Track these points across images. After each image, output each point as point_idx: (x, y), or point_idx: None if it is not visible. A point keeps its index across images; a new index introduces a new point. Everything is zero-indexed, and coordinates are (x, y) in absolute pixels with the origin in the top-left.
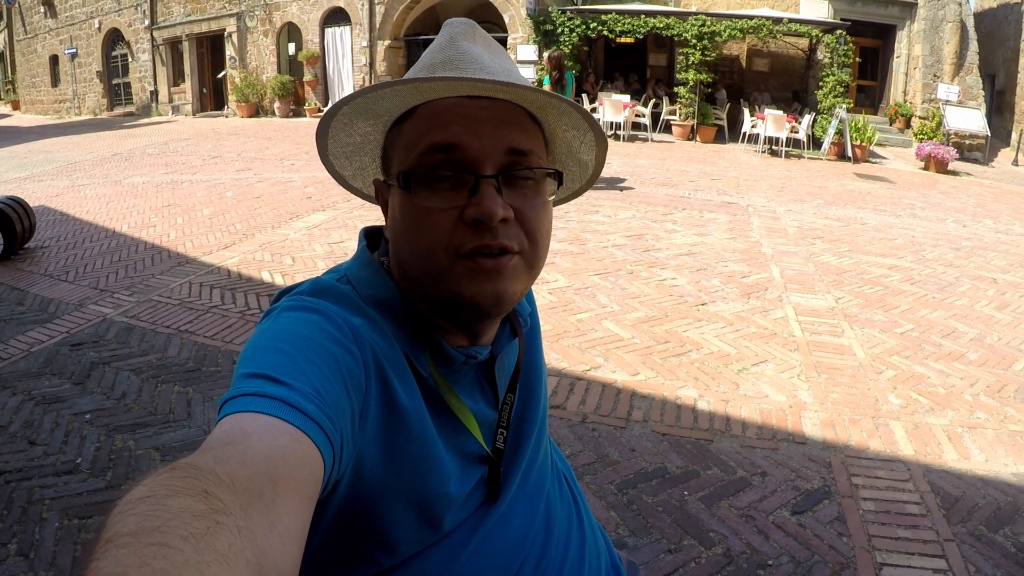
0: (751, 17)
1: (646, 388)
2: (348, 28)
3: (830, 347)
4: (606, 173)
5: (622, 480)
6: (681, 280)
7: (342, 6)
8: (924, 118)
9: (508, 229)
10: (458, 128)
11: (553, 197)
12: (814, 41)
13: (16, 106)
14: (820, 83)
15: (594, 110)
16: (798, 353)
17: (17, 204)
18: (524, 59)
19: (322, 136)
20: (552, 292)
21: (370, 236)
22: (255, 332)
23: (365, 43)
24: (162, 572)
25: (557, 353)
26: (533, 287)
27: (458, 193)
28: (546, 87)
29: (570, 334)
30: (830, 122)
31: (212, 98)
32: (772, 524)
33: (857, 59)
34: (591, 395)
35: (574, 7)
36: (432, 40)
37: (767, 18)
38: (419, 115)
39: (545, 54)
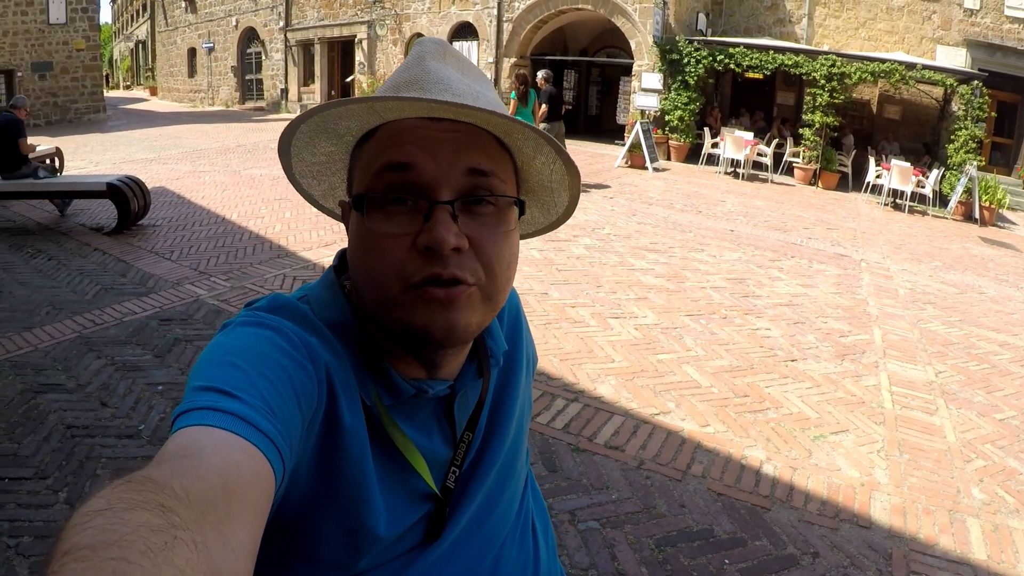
0: (884, 60)
1: (712, 442)
2: (475, 43)
3: (919, 425)
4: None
5: (663, 536)
6: (775, 332)
7: (471, 21)
8: None
9: (462, 259)
10: (413, 148)
11: (516, 228)
12: (949, 91)
13: (154, 92)
14: (952, 137)
15: (715, 145)
16: (883, 427)
17: (134, 183)
18: (648, 87)
19: (284, 154)
20: (638, 328)
21: (344, 257)
22: (208, 346)
23: (491, 59)
24: None
25: (628, 392)
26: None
27: (412, 219)
28: (512, 101)
29: (647, 374)
30: (959, 179)
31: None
32: None
33: (993, 114)
34: (653, 441)
35: (702, 38)
36: (557, 60)
37: (900, 63)
38: (379, 136)
39: (514, 74)
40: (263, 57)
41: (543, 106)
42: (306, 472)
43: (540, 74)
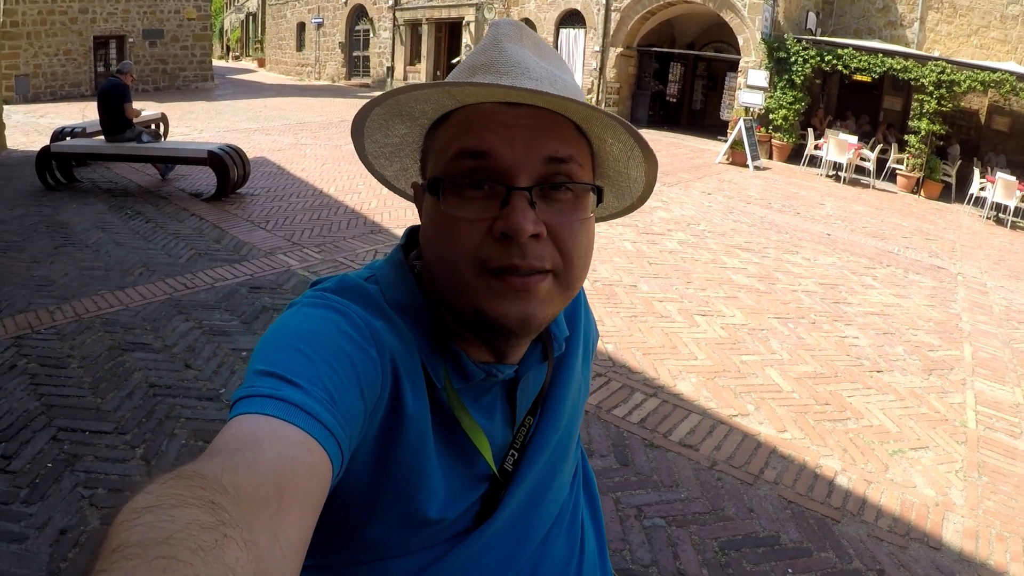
0: (995, 70)
1: (788, 448)
2: (583, 31)
3: (1002, 447)
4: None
5: (728, 539)
6: (863, 341)
7: (579, 8)
8: None
9: (539, 247)
10: (491, 135)
11: (593, 214)
12: None
13: (262, 63)
14: None
15: (818, 147)
16: (964, 447)
17: (234, 152)
18: (754, 84)
19: (357, 135)
20: (724, 327)
21: (412, 235)
22: (273, 324)
23: (597, 48)
24: None
25: (708, 391)
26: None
27: (489, 204)
28: None
29: (729, 374)
30: None
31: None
32: None
33: None
34: (729, 442)
35: (811, 37)
36: (664, 52)
37: (1012, 73)
38: (455, 120)
39: None
40: (371, 35)
41: None
42: (364, 457)
43: None
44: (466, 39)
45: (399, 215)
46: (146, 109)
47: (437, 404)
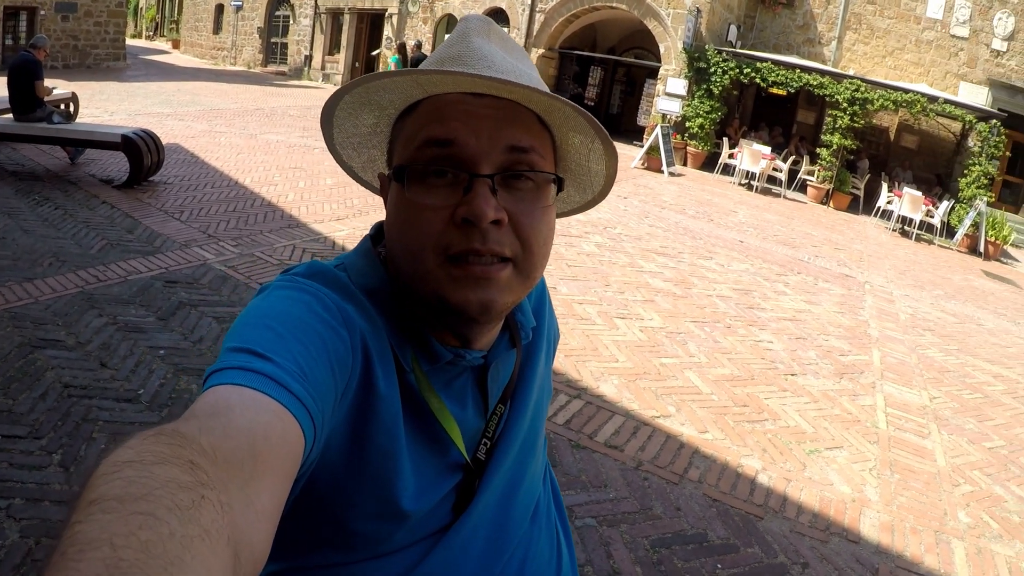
0: (907, 91)
1: (710, 448)
2: (505, 30)
3: (911, 447)
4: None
5: (658, 537)
6: (777, 345)
7: (503, 8)
8: None
9: (500, 233)
10: (457, 124)
11: (553, 204)
12: (967, 127)
13: (176, 45)
14: (965, 171)
15: (732, 156)
16: (876, 446)
17: (149, 137)
18: (673, 92)
19: (327, 125)
20: (643, 330)
21: (380, 228)
22: (246, 308)
23: None
24: (148, 543)
25: (631, 393)
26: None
27: (452, 191)
28: (393, 65)
29: (649, 376)
30: (967, 212)
31: (363, 73)
32: None
33: (1008, 153)
34: (653, 443)
35: (731, 49)
36: (585, 55)
37: (923, 95)
38: (422, 109)
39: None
40: (291, 21)
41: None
42: (339, 441)
43: (411, 42)
44: (387, 31)
45: (317, 210)
46: (56, 87)
47: (407, 388)
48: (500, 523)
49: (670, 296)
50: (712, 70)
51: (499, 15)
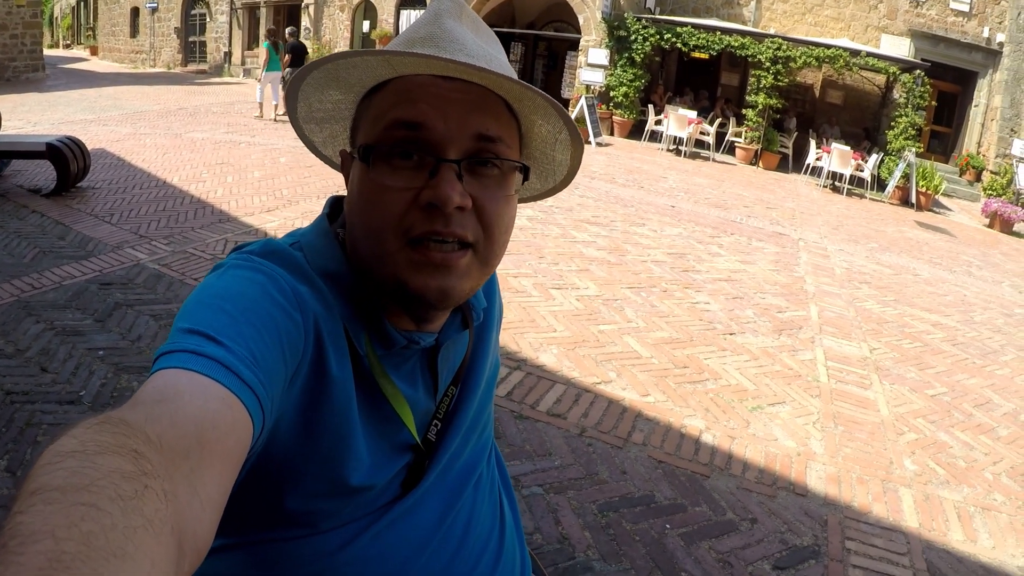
0: (828, 46)
1: (653, 411)
2: (422, 11)
3: (854, 399)
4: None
5: (605, 501)
6: (714, 306)
7: None
8: (996, 173)
9: (463, 218)
10: (426, 107)
11: (517, 192)
12: (891, 79)
13: (94, 52)
14: (892, 123)
15: (659, 122)
16: (819, 400)
17: (74, 144)
18: (595, 63)
19: (291, 99)
20: (580, 299)
21: (335, 204)
22: (199, 286)
23: None
24: (89, 535)
25: (571, 362)
26: (499, 278)
27: (417, 174)
28: (264, 51)
29: (588, 344)
30: (897, 164)
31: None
32: (749, 575)
33: (933, 103)
34: (595, 409)
35: (651, 16)
36: (504, 32)
37: (845, 49)
38: (390, 89)
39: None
40: (207, 19)
41: (287, 56)
42: (288, 424)
43: (287, 30)
44: (305, 22)
45: (246, 203)
46: None
47: (360, 371)
48: (447, 496)
49: (604, 264)
50: (633, 38)
51: None
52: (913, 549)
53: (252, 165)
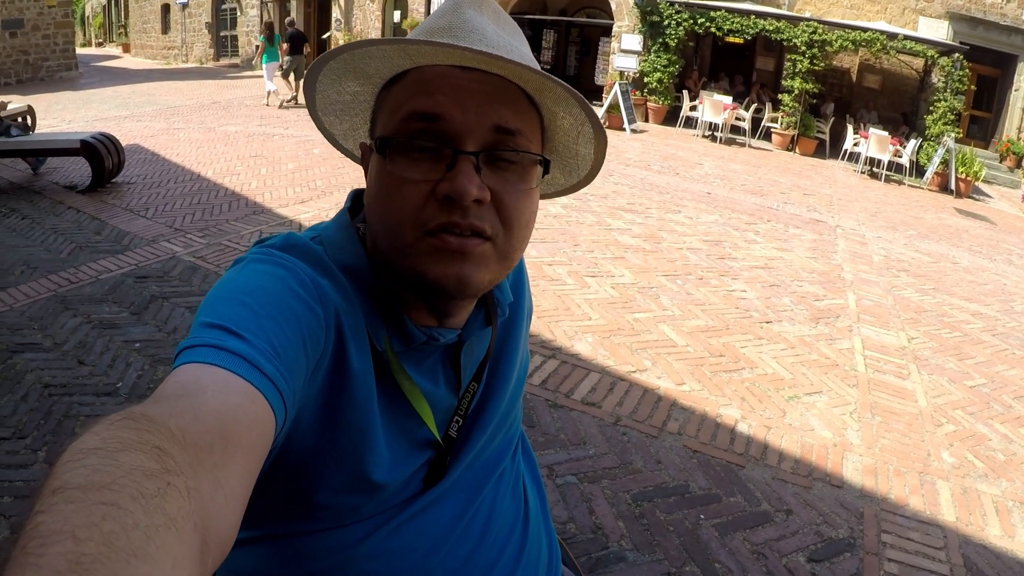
0: (865, 29)
1: (688, 400)
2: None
3: (892, 389)
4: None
5: (640, 491)
6: (751, 294)
7: None
8: None
9: (482, 211)
10: (444, 98)
11: (538, 187)
12: (929, 63)
13: (126, 49)
14: (931, 108)
15: (694, 108)
16: (856, 390)
17: (108, 140)
18: (628, 48)
19: (309, 90)
20: (615, 287)
21: (357, 198)
22: (220, 280)
23: None
24: (110, 535)
25: (606, 350)
26: (526, 270)
27: (435, 166)
28: (260, 43)
29: (623, 332)
30: (936, 150)
31: (315, 57)
32: (784, 567)
33: (973, 87)
34: (630, 398)
35: (683, 0)
36: (536, 19)
37: (882, 32)
38: (408, 80)
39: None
40: (238, 13)
41: (285, 44)
42: (310, 417)
43: (287, 20)
44: (336, 14)
45: (280, 195)
46: (11, 102)
47: (380, 367)
48: (468, 491)
49: (640, 252)
50: (666, 23)
51: None
52: (950, 543)
53: (286, 157)
